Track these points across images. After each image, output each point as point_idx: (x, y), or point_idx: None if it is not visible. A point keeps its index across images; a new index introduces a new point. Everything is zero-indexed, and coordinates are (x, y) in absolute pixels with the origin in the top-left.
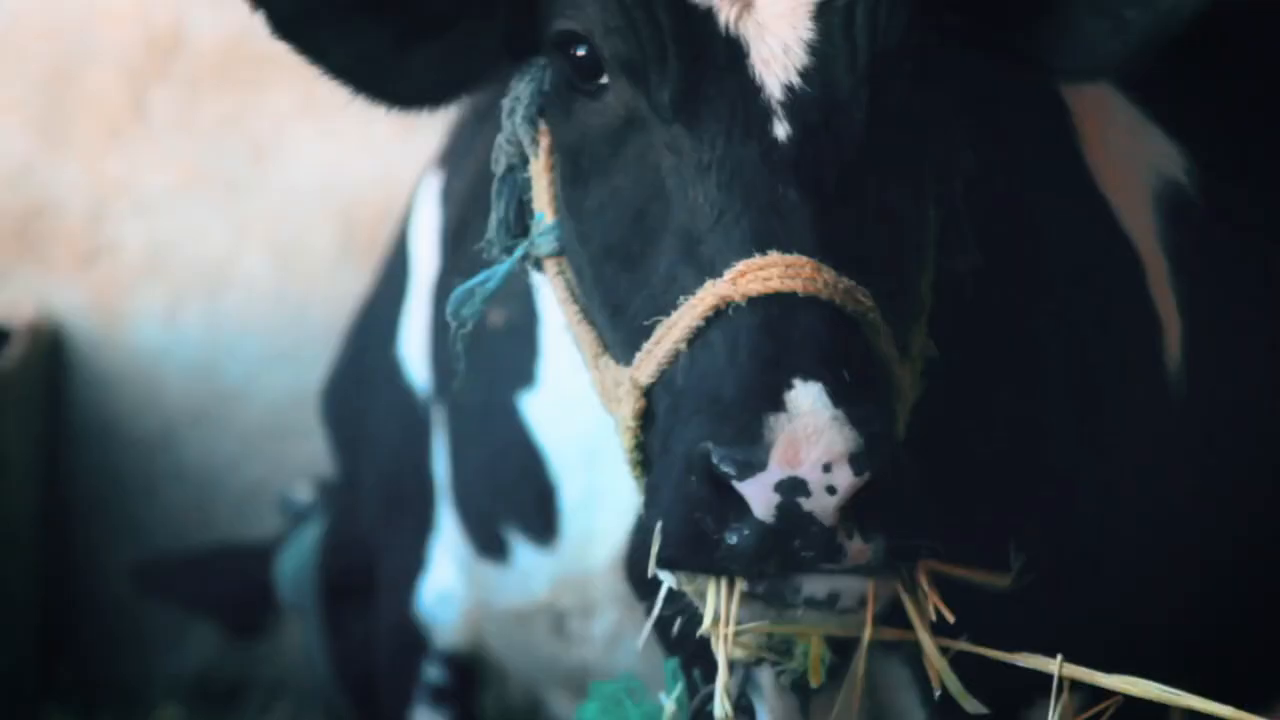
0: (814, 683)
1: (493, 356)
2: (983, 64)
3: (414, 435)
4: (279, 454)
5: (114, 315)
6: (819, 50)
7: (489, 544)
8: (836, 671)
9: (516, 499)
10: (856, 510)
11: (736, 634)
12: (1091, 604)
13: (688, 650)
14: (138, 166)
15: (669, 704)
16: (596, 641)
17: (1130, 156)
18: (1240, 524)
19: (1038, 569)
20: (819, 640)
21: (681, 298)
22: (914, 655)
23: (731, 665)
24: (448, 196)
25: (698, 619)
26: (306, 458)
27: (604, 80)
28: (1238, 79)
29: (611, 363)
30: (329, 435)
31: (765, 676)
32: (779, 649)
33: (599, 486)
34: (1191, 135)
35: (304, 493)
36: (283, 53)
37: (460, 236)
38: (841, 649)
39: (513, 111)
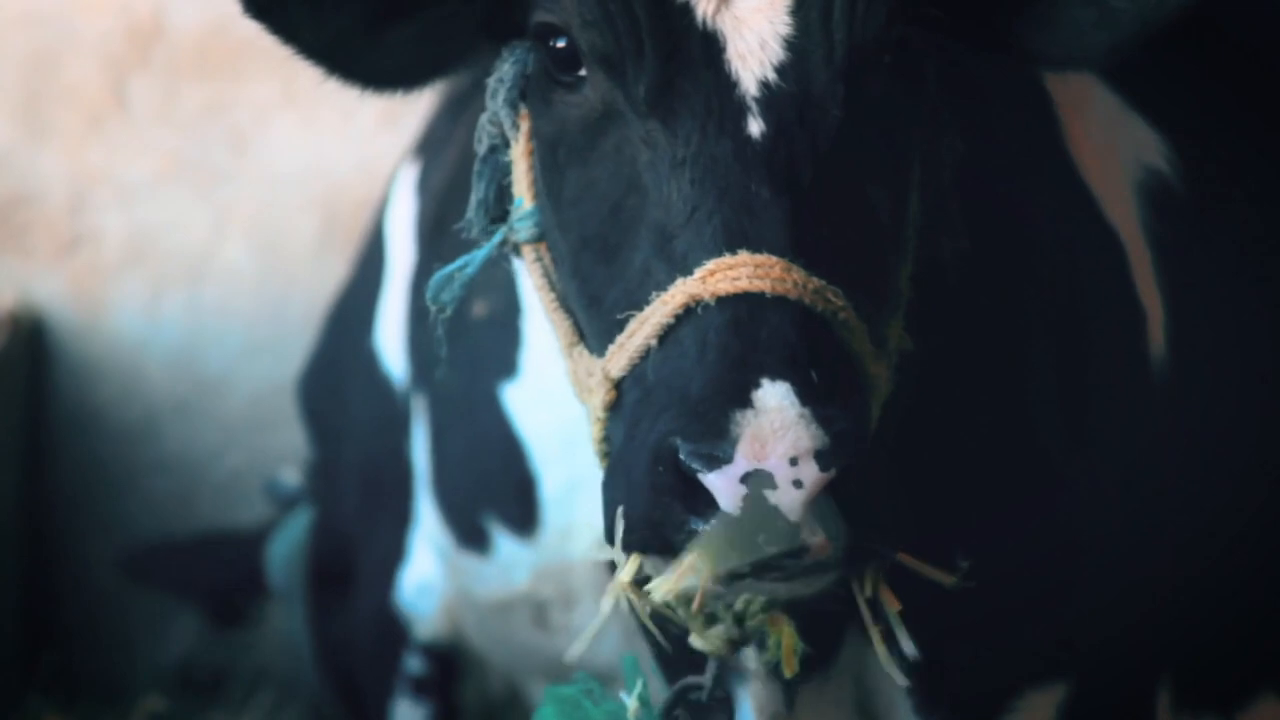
0: (787, 673)
1: (475, 347)
2: (966, 54)
3: (391, 426)
4: (261, 444)
5: (95, 305)
6: (796, 45)
7: (470, 535)
8: (816, 662)
9: (497, 489)
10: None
11: (708, 626)
12: (1078, 592)
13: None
14: (118, 156)
15: (631, 701)
16: (577, 632)
17: (1112, 145)
18: (1224, 511)
19: (1024, 558)
20: (790, 631)
21: (654, 293)
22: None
23: (705, 658)
24: (424, 186)
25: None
26: (288, 447)
27: (582, 73)
28: (1219, 67)
29: (585, 352)
30: (306, 425)
31: (752, 666)
32: (751, 640)
33: (579, 477)
34: (1173, 123)
35: (291, 478)
36: (263, 42)
37: (439, 227)
38: (817, 640)
39: (495, 93)
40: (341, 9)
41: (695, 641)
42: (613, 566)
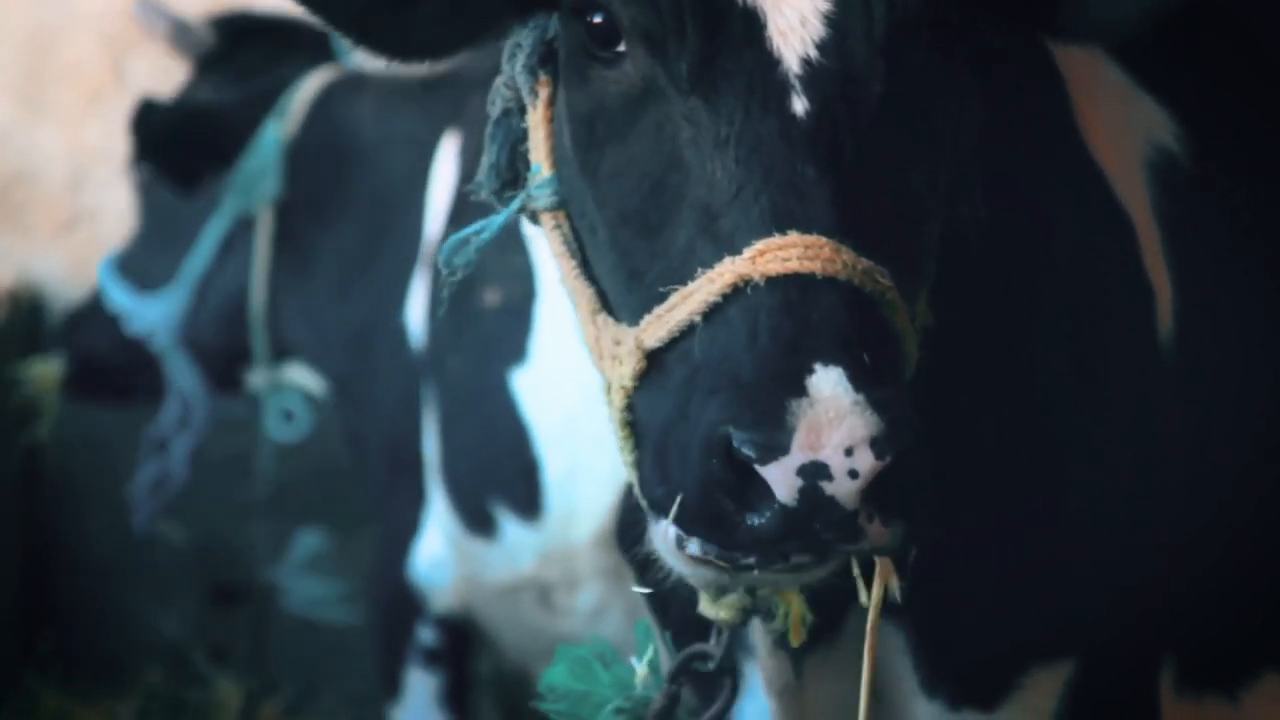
0: (794, 642)
1: (487, 334)
2: (987, 26)
3: (416, 402)
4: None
5: (93, 283)
6: (836, 22)
7: (477, 520)
8: (822, 633)
9: (503, 475)
10: (876, 493)
11: (718, 595)
12: (1085, 570)
13: (669, 615)
14: (117, 134)
15: (641, 667)
16: (581, 614)
17: (1121, 123)
18: (1229, 491)
19: (1032, 536)
20: (799, 601)
21: (700, 269)
22: (908, 621)
23: (717, 628)
24: (464, 157)
25: (681, 584)
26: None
27: (621, 48)
28: (1226, 47)
29: (611, 321)
30: (335, 389)
31: (760, 638)
32: (761, 610)
33: (581, 462)
34: (1182, 103)
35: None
36: None
37: (465, 197)
38: (823, 609)
39: (513, 57)
40: None
41: (706, 610)
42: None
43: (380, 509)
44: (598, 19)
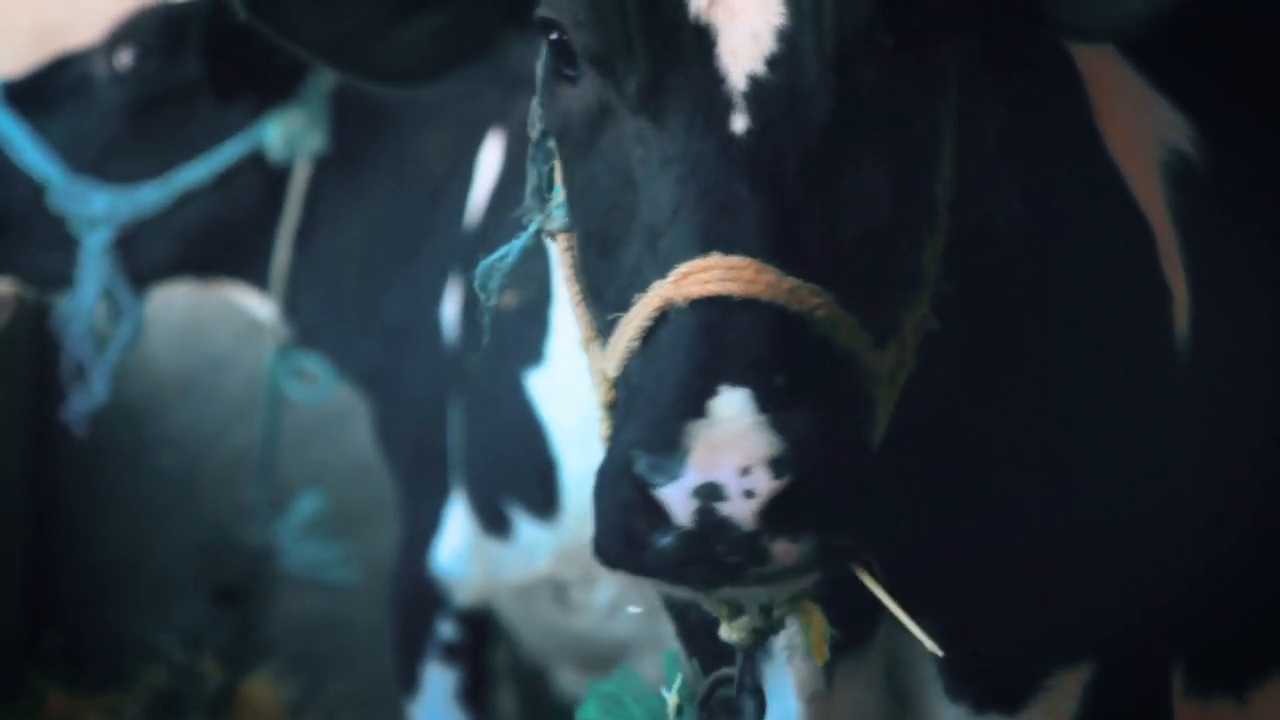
0: (818, 661)
1: (503, 336)
2: (996, 25)
3: (444, 398)
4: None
5: None
6: (788, 36)
7: (494, 522)
8: (852, 642)
9: (519, 475)
10: (785, 513)
11: (733, 617)
12: (1102, 571)
13: (688, 632)
14: None
15: (671, 697)
16: (597, 610)
17: (1139, 125)
18: (1240, 494)
19: (1054, 539)
20: (820, 618)
21: (637, 295)
22: (930, 626)
23: (732, 651)
24: (507, 158)
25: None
26: (291, 425)
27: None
28: (1240, 51)
29: (597, 349)
30: (364, 381)
31: (793, 642)
32: (775, 630)
33: (598, 461)
34: (1198, 107)
35: None
36: None
37: (500, 200)
38: (852, 620)
39: (539, 77)
40: (359, 6)
41: (723, 632)
42: None
43: (404, 503)
44: (556, 38)
